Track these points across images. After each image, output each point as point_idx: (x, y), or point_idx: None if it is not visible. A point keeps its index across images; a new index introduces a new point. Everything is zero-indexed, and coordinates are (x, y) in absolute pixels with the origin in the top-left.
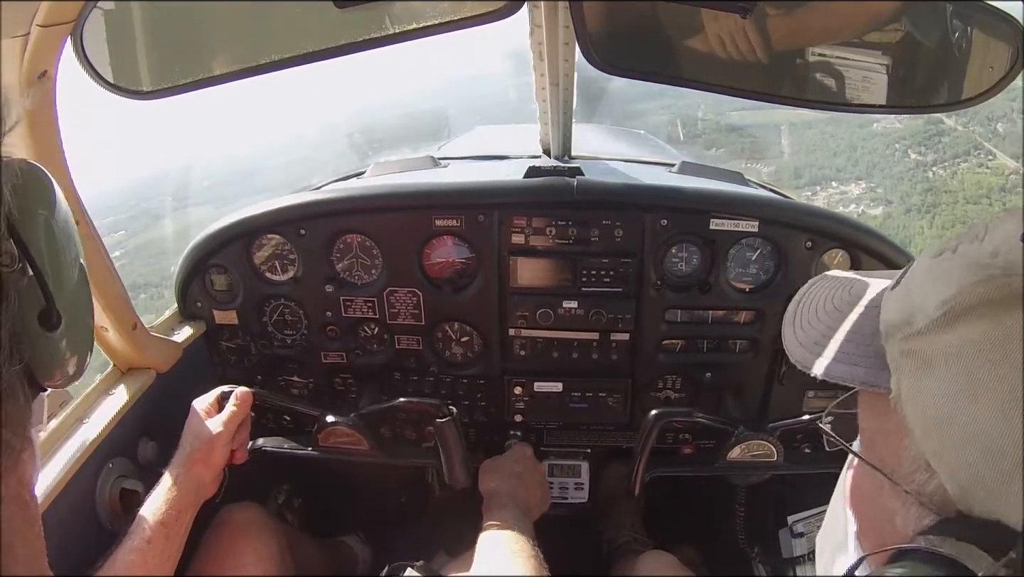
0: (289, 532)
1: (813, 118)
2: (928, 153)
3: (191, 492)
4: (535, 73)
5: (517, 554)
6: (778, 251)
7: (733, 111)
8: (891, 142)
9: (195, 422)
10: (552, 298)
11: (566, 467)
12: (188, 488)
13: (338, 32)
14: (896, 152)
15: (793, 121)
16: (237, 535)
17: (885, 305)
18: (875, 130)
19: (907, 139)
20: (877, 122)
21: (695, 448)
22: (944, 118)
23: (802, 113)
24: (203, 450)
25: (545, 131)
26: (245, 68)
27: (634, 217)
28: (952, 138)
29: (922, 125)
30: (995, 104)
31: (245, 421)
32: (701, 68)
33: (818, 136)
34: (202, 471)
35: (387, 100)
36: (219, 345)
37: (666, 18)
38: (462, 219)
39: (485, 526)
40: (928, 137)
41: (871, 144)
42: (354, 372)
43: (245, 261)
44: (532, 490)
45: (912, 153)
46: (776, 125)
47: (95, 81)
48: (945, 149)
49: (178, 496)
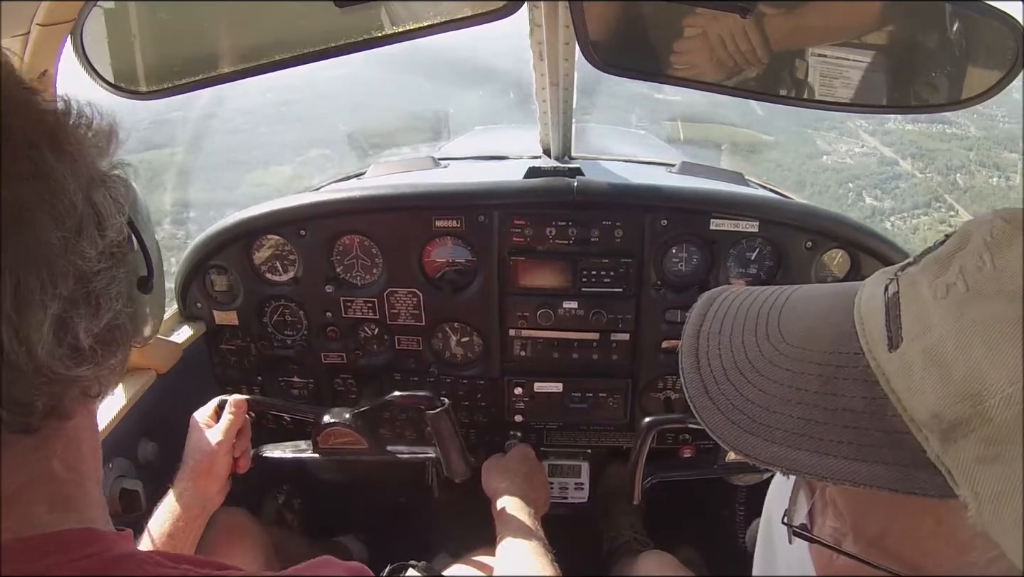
0: (280, 535)
1: (759, 142)
2: (885, 199)
3: (197, 504)
4: (535, 73)
5: (543, 556)
6: (778, 251)
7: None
8: (843, 180)
9: (195, 435)
10: (552, 298)
11: (566, 467)
12: (193, 500)
13: (338, 32)
14: (850, 193)
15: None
16: (225, 541)
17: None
18: (825, 164)
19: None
20: (827, 155)
21: (695, 449)
22: (900, 160)
23: (748, 134)
24: (205, 462)
25: (545, 131)
26: (245, 68)
27: (634, 217)
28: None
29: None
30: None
31: (244, 428)
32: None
33: (766, 167)
34: (207, 483)
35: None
36: (219, 346)
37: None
38: (462, 220)
39: (504, 528)
40: (884, 180)
41: (822, 180)
42: (354, 373)
43: (245, 262)
44: (538, 491)
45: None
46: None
47: (95, 81)
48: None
49: (184, 509)
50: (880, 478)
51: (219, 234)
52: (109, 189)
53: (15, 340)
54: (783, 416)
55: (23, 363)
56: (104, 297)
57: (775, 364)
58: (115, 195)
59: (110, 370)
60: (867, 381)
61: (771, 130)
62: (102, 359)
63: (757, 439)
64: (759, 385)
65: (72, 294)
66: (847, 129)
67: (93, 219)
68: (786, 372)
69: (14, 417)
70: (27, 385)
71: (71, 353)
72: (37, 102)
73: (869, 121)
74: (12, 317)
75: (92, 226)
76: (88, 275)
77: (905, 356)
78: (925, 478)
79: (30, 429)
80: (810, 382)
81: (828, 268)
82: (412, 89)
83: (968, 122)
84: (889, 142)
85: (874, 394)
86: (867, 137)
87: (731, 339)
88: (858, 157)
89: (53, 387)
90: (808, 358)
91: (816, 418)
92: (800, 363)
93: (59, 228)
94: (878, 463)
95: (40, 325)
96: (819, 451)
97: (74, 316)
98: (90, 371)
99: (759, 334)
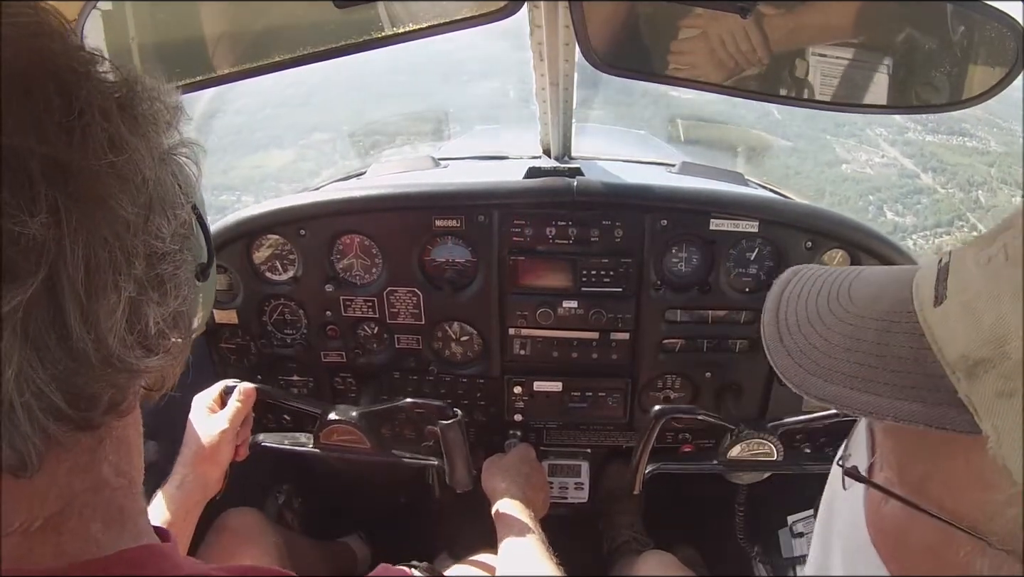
0: (289, 536)
1: (777, 147)
2: (907, 214)
3: (198, 491)
4: (535, 73)
5: (545, 556)
6: (778, 251)
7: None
8: (864, 192)
9: (199, 419)
10: (552, 298)
11: (566, 467)
12: (195, 487)
13: (338, 32)
14: (870, 206)
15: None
16: (237, 542)
17: (938, 332)
18: (844, 172)
19: (881, 192)
20: (847, 164)
21: (695, 448)
22: (920, 173)
23: (766, 138)
24: (209, 448)
25: (545, 131)
26: (245, 68)
27: (634, 217)
28: (932, 200)
29: (896, 178)
30: (975, 168)
31: (248, 417)
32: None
33: (781, 169)
34: (209, 469)
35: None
36: (219, 345)
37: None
38: (462, 219)
39: (504, 529)
40: (905, 194)
41: (842, 190)
42: (354, 371)
43: (245, 261)
44: (538, 492)
45: (888, 211)
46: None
47: None
48: (926, 214)
49: (185, 496)
50: (918, 415)
51: (219, 234)
52: (177, 167)
53: (83, 325)
54: (841, 361)
55: (91, 351)
56: (172, 282)
57: (841, 320)
58: (183, 174)
59: (174, 361)
60: (914, 334)
61: (789, 135)
62: (169, 349)
63: (818, 379)
64: (825, 336)
65: (144, 276)
66: (867, 137)
67: (163, 197)
68: (848, 326)
69: (78, 412)
70: (93, 376)
71: (141, 341)
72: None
73: (888, 129)
74: (81, 299)
75: (163, 204)
76: (158, 257)
77: (946, 309)
78: (955, 415)
79: (92, 425)
80: (867, 334)
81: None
82: (414, 85)
83: (988, 136)
84: (909, 153)
85: (920, 345)
86: (887, 147)
87: (806, 301)
88: (878, 167)
89: (119, 378)
90: (869, 315)
91: (869, 363)
92: (861, 319)
93: (133, 204)
94: (917, 402)
95: (113, 309)
96: (868, 391)
97: (145, 301)
98: (159, 361)
99: (831, 298)
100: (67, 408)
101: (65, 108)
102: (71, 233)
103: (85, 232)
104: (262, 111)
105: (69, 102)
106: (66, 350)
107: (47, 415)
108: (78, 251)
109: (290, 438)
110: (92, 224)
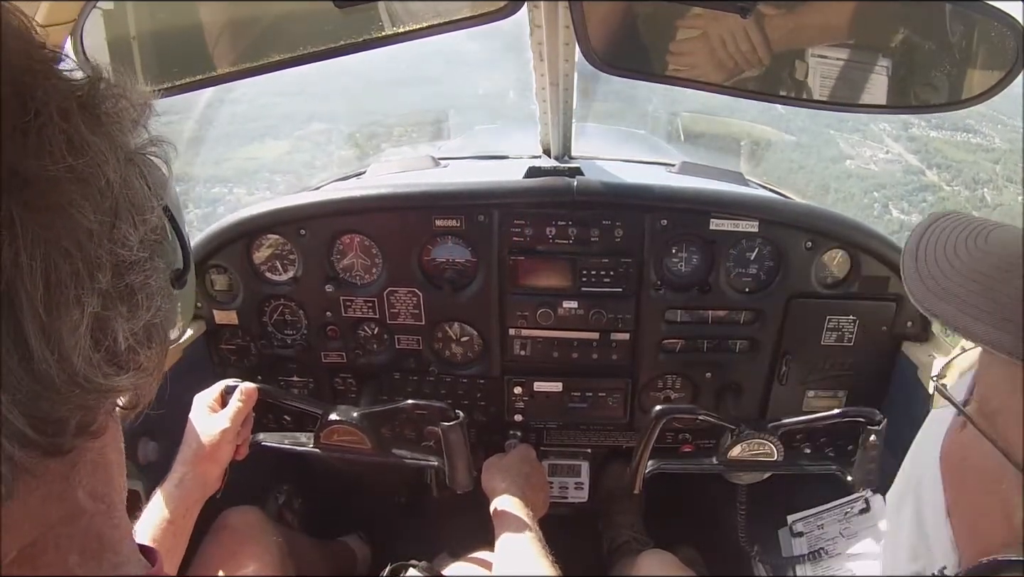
0: (289, 535)
1: (780, 141)
2: (912, 212)
3: (198, 489)
4: (535, 73)
5: (542, 555)
6: (778, 251)
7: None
8: (868, 189)
9: (199, 418)
10: (552, 298)
11: (566, 467)
12: (195, 485)
13: (338, 32)
14: (875, 204)
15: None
16: (238, 540)
17: None
18: (849, 168)
19: (886, 188)
20: (851, 160)
21: (695, 448)
22: (925, 170)
23: (765, 132)
24: (210, 447)
25: (545, 131)
26: (245, 68)
27: (634, 217)
28: (938, 198)
29: (901, 174)
30: (980, 165)
31: (248, 417)
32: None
33: (784, 164)
34: (209, 468)
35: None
36: (219, 345)
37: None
38: (462, 219)
39: (502, 528)
40: (910, 191)
41: (846, 186)
42: (354, 372)
43: (245, 261)
44: (538, 492)
45: (893, 209)
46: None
47: None
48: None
49: (185, 494)
50: (1004, 343)
51: (219, 234)
52: (146, 168)
53: (45, 344)
54: (958, 286)
55: (55, 372)
56: (143, 292)
57: (971, 255)
58: (152, 175)
59: (149, 377)
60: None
61: (792, 130)
62: (142, 365)
63: (935, 298)
64: (954, 265)
65: (110, 289)
66: (871, 132)
67: (130, 202)
68: (975, 260)
69: (45, 437)
70: (59, 398)
71: (109, 359)
72: (69, 71)
73: (892, 125)
74: (41, 317)
75: (130, 209)
76: (126, 267)
77: None
78: None
79: (62, 450)
80: (988, 270)
81: (828, 268)
82: (414, 71)
83: (993, 132)
84: (914, 149)
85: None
86: (891, 143)
87: (948, 236)
88: (883, 164)
89: (88, 399)
90: (997, 254)
91: (981, 293)
92: (988, 256)
93: (96, 210)
94: (1008, 333)
95: (76, 326)
96: (971, 315)
97: (113, 315)
98: (130, 379)
99: (969, 238)
100: (33, 434)
101: (19, 109)
102: (28, 247)
103: (43, 244)
104: (259, 99)
105: (24, 103)
106: (28, 372)
107: (12, 442)
108: (36, 265)
109: (290, 438)
110: (51, 235)
